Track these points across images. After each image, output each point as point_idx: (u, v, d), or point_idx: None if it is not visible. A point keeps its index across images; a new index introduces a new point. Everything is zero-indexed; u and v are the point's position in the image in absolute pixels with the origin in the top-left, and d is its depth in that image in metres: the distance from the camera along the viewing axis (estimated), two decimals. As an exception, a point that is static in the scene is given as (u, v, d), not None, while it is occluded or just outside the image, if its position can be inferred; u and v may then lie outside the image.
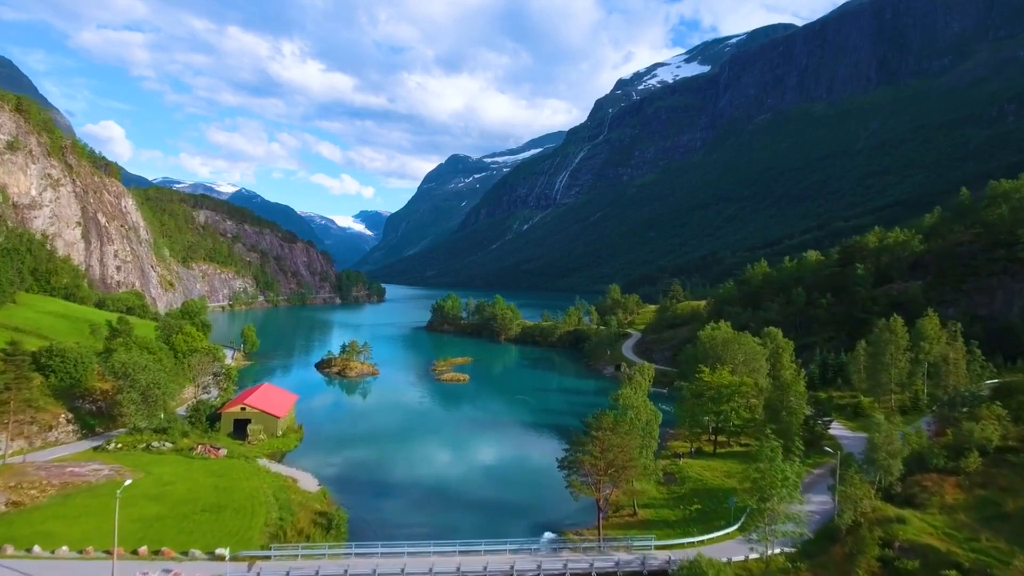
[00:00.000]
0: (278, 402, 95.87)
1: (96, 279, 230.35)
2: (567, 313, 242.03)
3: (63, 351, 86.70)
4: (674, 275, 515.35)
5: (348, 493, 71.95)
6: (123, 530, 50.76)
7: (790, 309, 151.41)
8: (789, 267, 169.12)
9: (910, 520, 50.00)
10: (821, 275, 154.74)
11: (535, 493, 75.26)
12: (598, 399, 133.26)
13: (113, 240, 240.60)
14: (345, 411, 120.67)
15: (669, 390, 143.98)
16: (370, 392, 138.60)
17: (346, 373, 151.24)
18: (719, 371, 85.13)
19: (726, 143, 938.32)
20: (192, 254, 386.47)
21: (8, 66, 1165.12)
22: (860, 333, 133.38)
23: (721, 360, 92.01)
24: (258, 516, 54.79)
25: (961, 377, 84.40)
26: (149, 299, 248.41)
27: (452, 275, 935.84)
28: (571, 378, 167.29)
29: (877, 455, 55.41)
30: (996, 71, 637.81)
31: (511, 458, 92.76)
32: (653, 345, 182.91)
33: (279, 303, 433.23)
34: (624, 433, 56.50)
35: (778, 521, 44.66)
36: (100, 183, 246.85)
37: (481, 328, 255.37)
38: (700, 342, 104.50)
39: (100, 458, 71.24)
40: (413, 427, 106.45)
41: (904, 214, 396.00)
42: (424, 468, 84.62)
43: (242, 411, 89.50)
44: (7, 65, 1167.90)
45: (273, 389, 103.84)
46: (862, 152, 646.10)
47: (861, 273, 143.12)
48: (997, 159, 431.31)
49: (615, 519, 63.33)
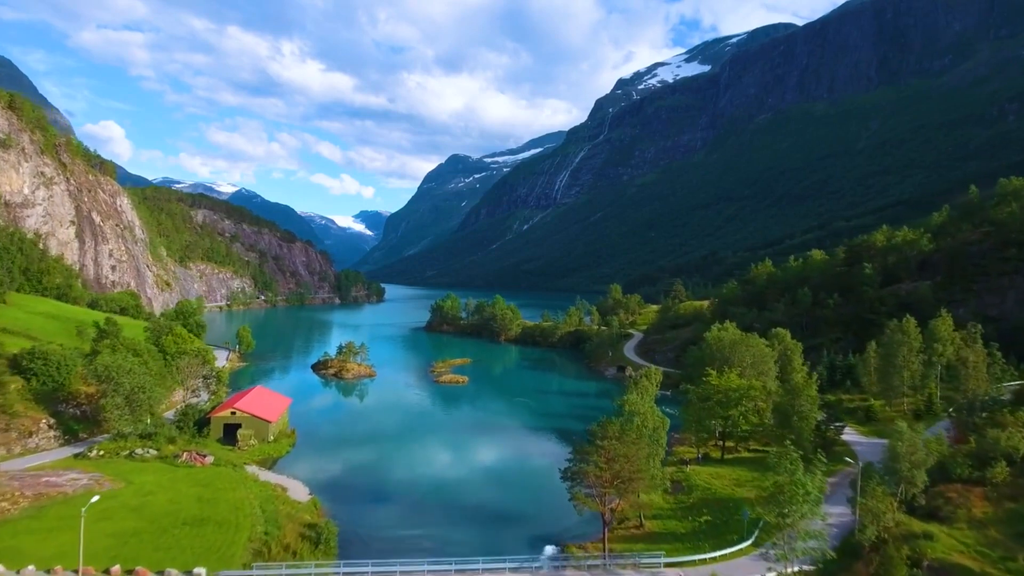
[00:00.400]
0: (270, 406, 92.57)
1: (90, 279, 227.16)
2: (568, 313, 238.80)
3: (45, 353, 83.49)
4: (674, 275, 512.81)
5: (340, 502, 68.73)
6: (96, 546, 47.58)
7: (796, 309, 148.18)
8: (794, 267, 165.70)
9: (938, 536, 46.78)
10: (827, 275, 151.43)
11: (536, 501, 72.04)
12: (600, 401, 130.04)
13: (108, 239, 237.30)
14: (340, 414, 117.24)
15: (673, 392, 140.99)
16: (366, 395, 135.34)
17: (342, 375, 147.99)
18: (727, 374, 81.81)
19: (726, 143, 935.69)
20: (190, 254, 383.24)
21: (8, 66, 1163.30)
22: (868, 334, 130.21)
23: (728, 362, 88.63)
24: (242, 530, 51.52)
25: (981, 381, 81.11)
26: (145, 299, 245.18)
27: (452, 275, 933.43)
28: (572, 380, 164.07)
29: (900, 465, 52.11)
30: (997, 70, 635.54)
31: (511, 464, 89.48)
32: (655, 346, 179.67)
33: (278, 303, 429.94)
34: (631, 442, 53.25)
35: (799, 539, 41.38)
36: (95, 182, 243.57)
37: (481, 328, 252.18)
38: (706, 344, 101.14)
39: (80, 466, 68.01)
40: (410, 431, 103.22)
41: (906, 214, 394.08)
42: (420, 475, 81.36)
43: (232, 415, 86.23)
44: (7, 65, 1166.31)
45: (265, 392, 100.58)
46: (863, 152, 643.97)
47: (869, 273, 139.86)
48: (998, 159, 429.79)
49: (620, 531, 60.06)
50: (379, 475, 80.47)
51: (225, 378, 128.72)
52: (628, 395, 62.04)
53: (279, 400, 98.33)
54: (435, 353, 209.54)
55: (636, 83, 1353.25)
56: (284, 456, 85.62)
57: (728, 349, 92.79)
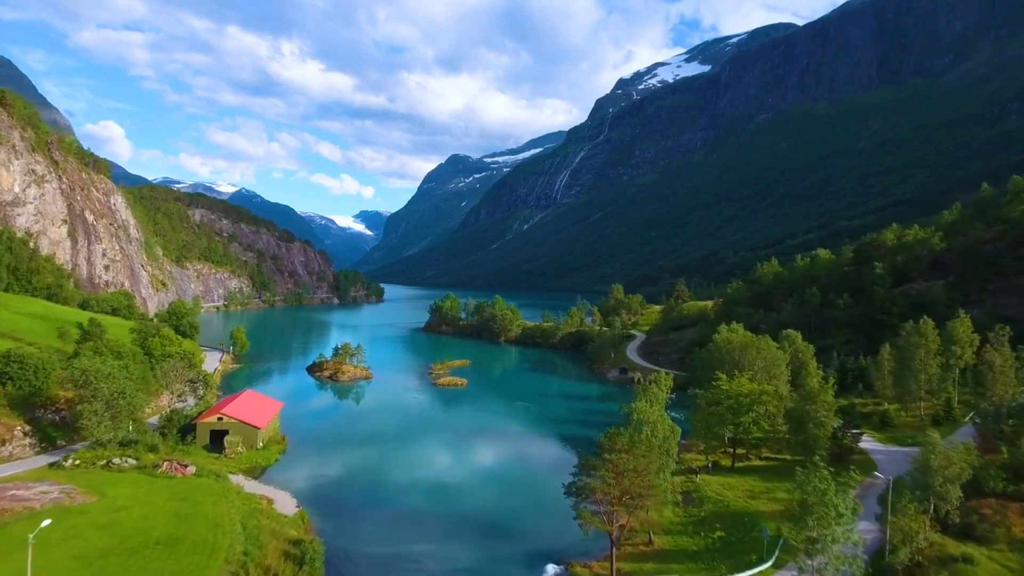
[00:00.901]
0: (259, 411, 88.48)
1: (83, 279, 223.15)
2: (569, 314, 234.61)
3: (22, 357, 79.39)
4: (675, 275, 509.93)
5: (330, 515, 64.75)
6: (60, 569, 43.63)
7: (804, 310, 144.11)
8: (802, 266, 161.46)
9: (978, 559, 42.82)
10: (836, 274, 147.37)
11: (537, 513, 67.99)
12: (603, 405, 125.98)
13: (101, 239, 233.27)
14: (334, 419, 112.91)
15: (677, 395, 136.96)
16: (362, 398, 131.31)
17: (338, 377, 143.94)
18: (737, 378, 77.75)
19: (727, 143, 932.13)
20: (187, 253, 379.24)
21: (7, 66, 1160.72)
22: (879, 335, 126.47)
23: (739, 366, 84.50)
24: (219, 551, 47.46)
25: (1009, 386, 77.05)
26: (139, 299, 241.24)
27: (452, 275, 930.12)
28: (574, 382, 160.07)
29: (932, 479, 48.07)
30: (998, 70, 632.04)
31: (511, 473, 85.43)
32: (659, 347, 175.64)
33: (276, 303, 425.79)
34: (641, 455, 49.24)
35: (830, 565, 37.36)
36: (88, 180, 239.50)
37: (480, 329, 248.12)
38: (715, 346, 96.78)
39: (53, 477, 63.94)
40: (405, 437, 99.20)
41: (909, 213, 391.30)
42: (415, 484, 77.29)
43: (219, 421, 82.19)
44: (6, 65, 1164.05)
45: (255, 396, 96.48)
46: (863, 152, 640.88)
47: (880, 272, 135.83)
48: (1000, 158, 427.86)
49: (628, 548, 55.99)
50: (372, 484, 76.43)
51: (216, 382, 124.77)
52: (636, 402, 57.94)
53: (270, 404, 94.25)
54: (434, 354, 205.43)
55: (636, 83, 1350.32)
56: (273, 464, 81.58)
57: (738, 352, 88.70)
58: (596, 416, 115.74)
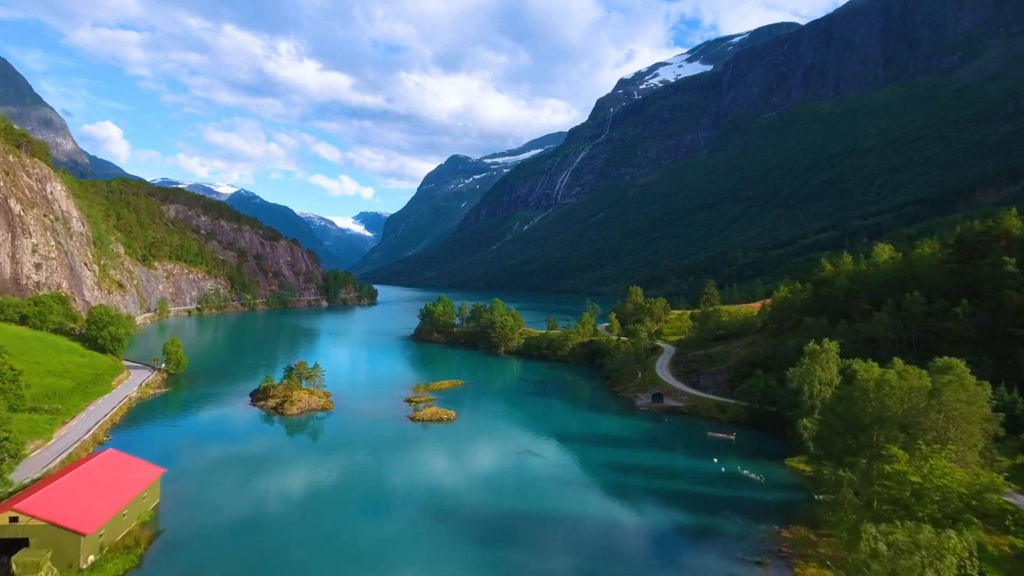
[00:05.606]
0: (101, 496, 53.32)
1: (6, 279, 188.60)
2: (580, 320, 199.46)
3: None
4: (682, 276, 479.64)
5: None
6: None
7: (900, 321, 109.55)
8: (890, 263, 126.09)
9: None
10: (942, 272, 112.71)
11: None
12: (643, 456, 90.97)
13: (31, 232, 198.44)
14: (254, 485, 74.95)
15: (737, 434, 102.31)
16: (310, 444, 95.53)
17: (284, 409, 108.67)
18: (931, 455, 42.93)
19: (730, 142, 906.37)
20: (155, 252, 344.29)
21: (2, 64, 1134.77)
22: (1015, 354, 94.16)
23: (907, 427, 49.48)
24: None
25: None
26: (79, 303, 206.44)
27: (451, 276, 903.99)
28: (594, 413, 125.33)
29: None
30: (1010, 67, 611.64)
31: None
32: (698, 365, 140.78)
33: (256, 306, 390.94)
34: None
35: None
36: (16, 163, 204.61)
37: (477, 338, 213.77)
38: (857, 390, 57.61)
39: None
40: (352, 527, 64.38)
41: (926, 212, 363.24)
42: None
43: (11, 524, 47.49)
44: (2, 64, 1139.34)
45: (115, 463, 61.30)
46: (872, 151, 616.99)
47: (1011, 270, 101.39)
48: (1017, 155, 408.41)
49: None
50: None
51: (50, 435, 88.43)
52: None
53: (133, 478, 58.98)
54: (420, 370, 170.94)
55: (637, 83, 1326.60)
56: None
57: (906, 401, 52.27)
58: (640, 479, 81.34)
